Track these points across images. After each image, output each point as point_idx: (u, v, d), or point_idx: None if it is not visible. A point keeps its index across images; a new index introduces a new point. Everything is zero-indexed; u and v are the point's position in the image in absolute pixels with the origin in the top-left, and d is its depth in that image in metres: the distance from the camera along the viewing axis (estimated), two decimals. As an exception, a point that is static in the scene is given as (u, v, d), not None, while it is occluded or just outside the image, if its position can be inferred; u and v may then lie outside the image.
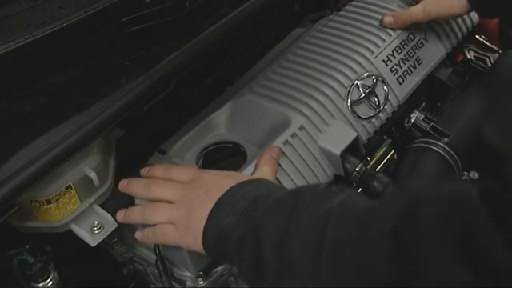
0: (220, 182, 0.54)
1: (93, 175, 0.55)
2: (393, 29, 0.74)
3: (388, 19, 0.74)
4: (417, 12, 0.73)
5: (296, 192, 0.50)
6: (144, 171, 0.60)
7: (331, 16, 0.79)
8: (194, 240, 0.52)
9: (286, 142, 0.62)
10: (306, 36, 0.77)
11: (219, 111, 0.68)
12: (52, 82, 0.54)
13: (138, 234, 0.57)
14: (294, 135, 0.63)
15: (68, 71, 0.55)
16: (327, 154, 0.65)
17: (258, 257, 0.47)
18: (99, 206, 0.58)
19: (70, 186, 0.54)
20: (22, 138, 0.50)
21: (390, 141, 0.76)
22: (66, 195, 0.54)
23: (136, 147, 0.67)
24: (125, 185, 0.58)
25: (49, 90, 0.54)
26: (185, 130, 0.68)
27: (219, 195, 0.52)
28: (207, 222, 0.52)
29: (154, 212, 0.56)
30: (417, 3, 0.75)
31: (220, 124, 0.68)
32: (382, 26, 0.74)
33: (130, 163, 0.65)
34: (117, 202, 0.61)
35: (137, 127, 0.65)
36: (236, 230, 0.49)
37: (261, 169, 0.58)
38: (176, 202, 0.55)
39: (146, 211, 0.56)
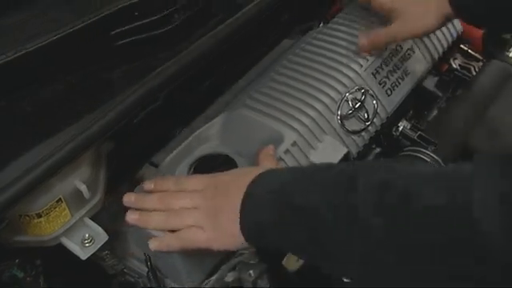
0: (236, 179, 0.54)
1: (83, 188, 0.55)
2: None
3: (363, 41, 0.72)
4: (390, 34, 0.72)
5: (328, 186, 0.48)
6: (149, 186, 0.59)
7: (319, 28, 0.80)
8: (234, 240, 0.52)
9: (279, 159, 0.63)
10: (295, 48, 0.77)
11: (211, 123, 0.68)
12: (40, 96, 0.54)
13: (154, 243, 0.55)
14: (287, 152, 0.64)
15: (57, 84, 0.55)
16: None
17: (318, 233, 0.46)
18: (90, 218, 0.58)
19: (60, 199, 0.54)
20: (10, 151, 0.50)
21: (378, 150, 0.76)
22: (57, 209, 0.54)
23: (126, 159, 0.67)
24: (133, 200, 0.57)
25: (36, 103, 0.54)
26: (176, 141, 0.68)
27: (241, 193, 0.52)
28: (242, 221, 0.51)
29: (179, 216, 0.55)
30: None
31: (212, 136, 0.68)
32: (360, 49, 0.73)
33: (121, 175, 0.65)
34: (108, 214, 0.61)
35: (127, 139, 0.65)
36: (272, 216, 0.49)
37: (262, 165, 0.59)
38: (199, 208, 0.54)
39: (171, 216, 0.55)
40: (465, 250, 0.39)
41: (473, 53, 0.91)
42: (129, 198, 0.57)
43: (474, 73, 0.88)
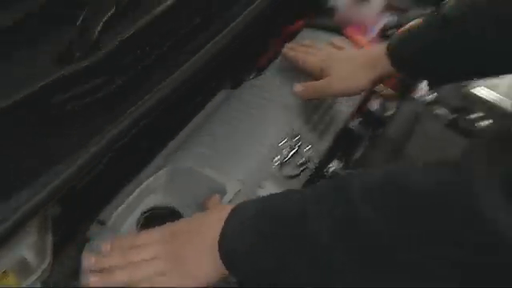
0: (193, 223, 0.57)
1: (30, 256, 0.55)
2: None
3: (298, 89, 0.79)
4: (322, 88, 0.77)
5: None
6: (106, 248, 0.59)
7: (253, 79, 0.86)
8: (198, 282, 0.54)
9: None
10: (230, 100, 0.82)
11: (155, 176, 0.71)
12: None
13: None
14: (231, 201, 0.67)
15: (2, 152, 0.55)
16: None
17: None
18: (40, 283, 0.57)
19: (6, 270, 0.53)
20: None
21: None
22: (3, 280, 0.53)
23: (72, 219, 0.67)
24: (93, 261, 0.57)
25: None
26: (121, 196, 0.70)
27: (203, 235, 0.55)
28: (221, 250, 0.53)
29: (140, 268, 0.56)
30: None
31: (157, 189, 0.71)
32: (294, 94, 0.79)
33: (68, 235, 0.65)
34: (56, 278, 0.60)
35: (72, 200, 0.65)
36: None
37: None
38: (159, 256, 0.56)
39: (132, 269, 0.56)
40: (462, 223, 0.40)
41: (389, 93, 1.01)
42: (89, 261, 0.58)
43: (391, 112, 0.97)
